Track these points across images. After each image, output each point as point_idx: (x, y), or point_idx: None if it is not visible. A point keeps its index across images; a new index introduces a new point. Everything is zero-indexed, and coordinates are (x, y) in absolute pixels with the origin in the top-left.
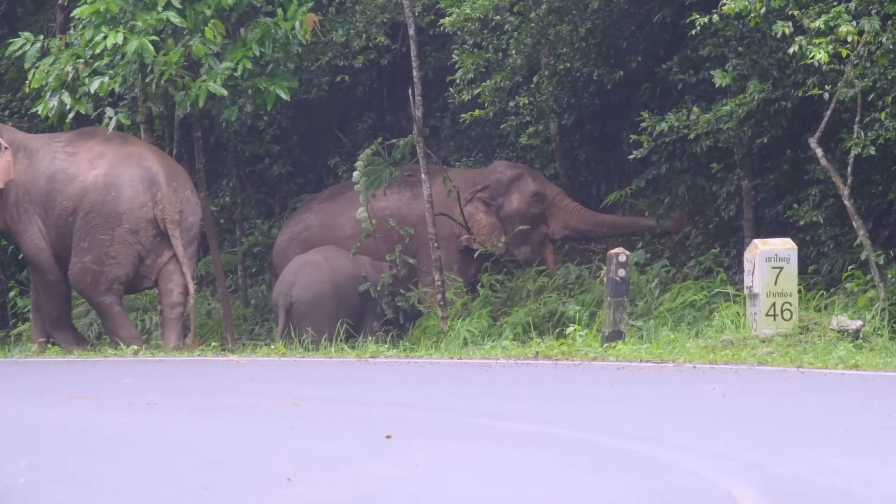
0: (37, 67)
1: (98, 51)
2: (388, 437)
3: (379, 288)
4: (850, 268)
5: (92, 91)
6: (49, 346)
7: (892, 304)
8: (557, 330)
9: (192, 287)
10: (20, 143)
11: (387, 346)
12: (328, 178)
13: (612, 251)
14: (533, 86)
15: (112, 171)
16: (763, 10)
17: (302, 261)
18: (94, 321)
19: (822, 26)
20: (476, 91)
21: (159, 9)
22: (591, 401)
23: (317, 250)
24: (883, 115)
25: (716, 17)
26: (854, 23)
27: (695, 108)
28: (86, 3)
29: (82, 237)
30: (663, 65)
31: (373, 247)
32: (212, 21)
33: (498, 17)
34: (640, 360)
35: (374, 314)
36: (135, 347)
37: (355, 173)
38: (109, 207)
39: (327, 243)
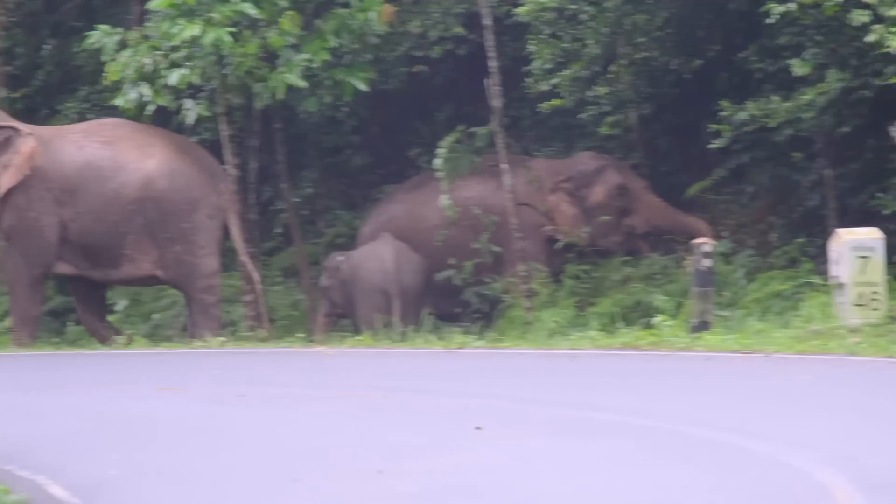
0: (115, 60)
1: (176, 43)
2: (477, 428)
3: (463, 276)
4: None
5: (171, 83)
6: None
7: None
8: (644, 320)
9: (257, 277)
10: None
11: (474, 336)
12: (409, 168)
13: (697, 241)
14: (611, 75)
15: (175, 160)
16: None
17: (396, 247)
18: (182, 313)
19: None
20: (554, 81)
21: (236, 0)
22: (681, 391)
23: (381, 240)
24: None
25: (793, 6)
26: None
27: (774, 97)
28: None
29: (159, 228)
30: (740, 53)
31: (457, 235)
32: (288, 12)
33: (574, 6)
34: (729, 351)
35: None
36: (222, 339)
37: (437, 161)
38: (183, 195)
39: (412, 233)
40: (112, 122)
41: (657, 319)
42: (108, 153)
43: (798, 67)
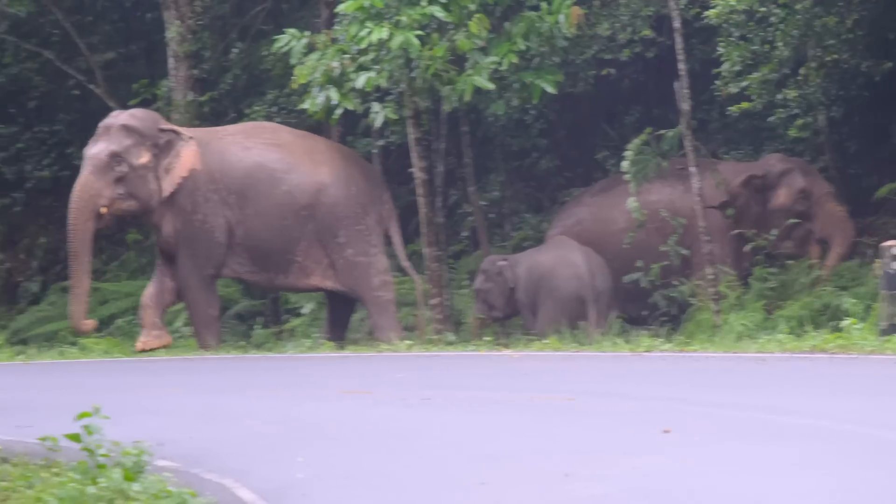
0: (303, 63)
1: (363, 46)
2: (665, 431)
3: (650, 279)
4: None
5: (358, 86)
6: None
7: None
8: (832, 323)
9: (419, 282)
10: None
11: (661, 340)
12: (596, 171)
13: (886, 244)
14: (800, 78)
15: (343, 167)
16: None
17: (584, 252)
18: (365, 318)
19: None
20: (743, 84)
21: (424, 3)
22: (870, 394)
23: (556, 244)
24: None
25: None
26: None
27: None
28: None
29: (331, 234)
30: None
31: (644, 238)
32: (476, 15)
33: (763, 8)
34: None
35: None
36: (408, 342)
37: (624, 163)
38: (355, 200)
39: (600, 237)
40: (268, 125)
41: (846, 323)
42: (277, 156)
43: None
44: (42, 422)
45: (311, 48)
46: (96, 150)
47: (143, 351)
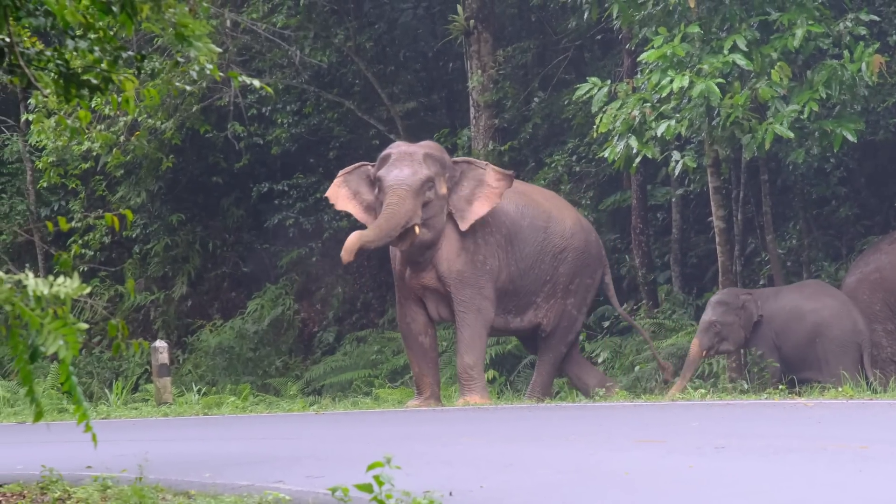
0: (604, 112)
1: (664, 94)
2: None
3: None
4: None
5: (658, 134)
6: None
7: None
8: None
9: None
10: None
11: None
12: (895, 220)
13: None
14: None
15: (577, 215)
16: None
17: (843, 300)
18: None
19: None
20: None
21: (725, 52)
22: None
23: (813, 287)
24: None
25: None
26: None
27: None
28: (653, 48)
29: (570, 279)
30: None
31: None
32: (778, 63)
33: None
34: None
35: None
36: (702, 391)
37: None
38: (594, 251)
39: (895, 284)
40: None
41: None
42: (534, 203)
43: None
44: (333, 472)
45: (612, 97)
46: (408, 172)
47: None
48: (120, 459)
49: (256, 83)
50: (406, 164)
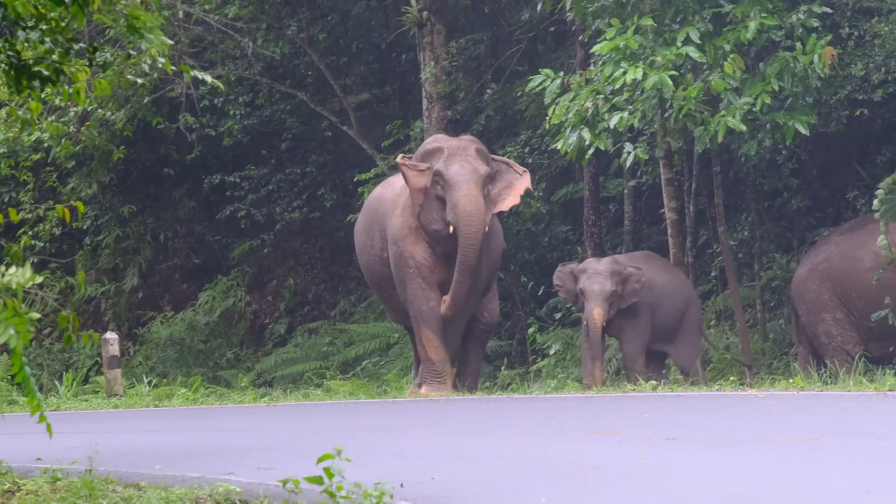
0: (557, 103)
1: (617, 86)
2: None
3: None
4: None
5: (611, 126)
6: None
7: None
8: None
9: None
10: None
11: None
12: (846, 211)
13: None
14: None
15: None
16: None
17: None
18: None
19: None
20: None
21: (679, 44)
22: None
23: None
24: None
25: None
26: None
27: None
28: (606, 39)
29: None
30: None
31: (893, 277)
32: (731, 56)
33: None
34: None
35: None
36: (654, 382)
37: (875, 202)
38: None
39: (847, 275)
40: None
41: None
42: None
43: None
44: (284, 464)
45: (565, 88)
46: (471, 168)
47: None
48: (70, 451)
49: (208, 78)
50: (461, 160)
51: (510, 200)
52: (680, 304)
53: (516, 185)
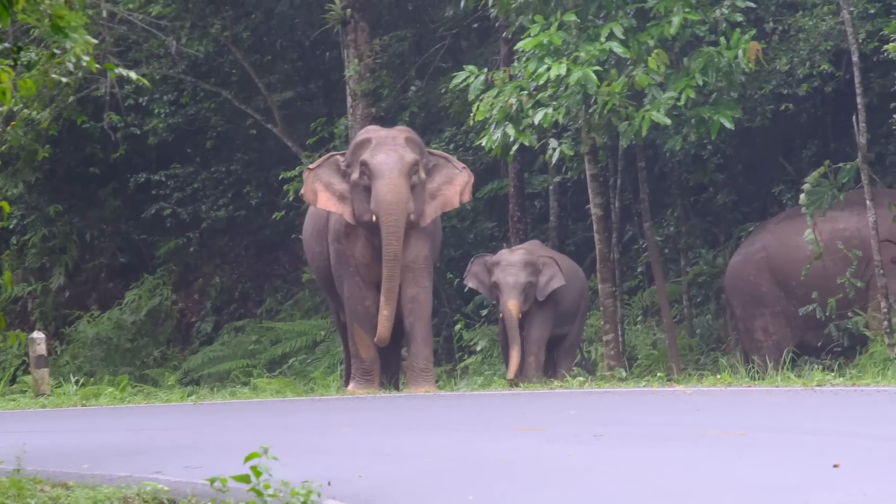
0: (481, 100)
1: (541, 82)
2: (835, 466)
3: (829, 310)
4: None
5: (535, 122)
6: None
7: None
8: None
9: None
10: None
11: (833, 374)
12: (772, 206)
13: None
14: None
15: None
16: None
17: None
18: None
19: None
20: None
21: (602, 40)
22: None
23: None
24: None
25: None
26: None
27: None
28: (530, 36)
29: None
30: None
31: (821, 269)
32: (655, 51)
33: None
34: None
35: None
36: (581, 379)
37: (802, 196)
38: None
39: (784, 263)
40: None
41: None
42: None
43: None
44: (211, 462)
45: (489, 85)
46: (397, 156)
47: None
48: None
49: (133, 76)
50: (388, 149)
51: (448, 200)
52: (579, 289)
53: (457, 181)
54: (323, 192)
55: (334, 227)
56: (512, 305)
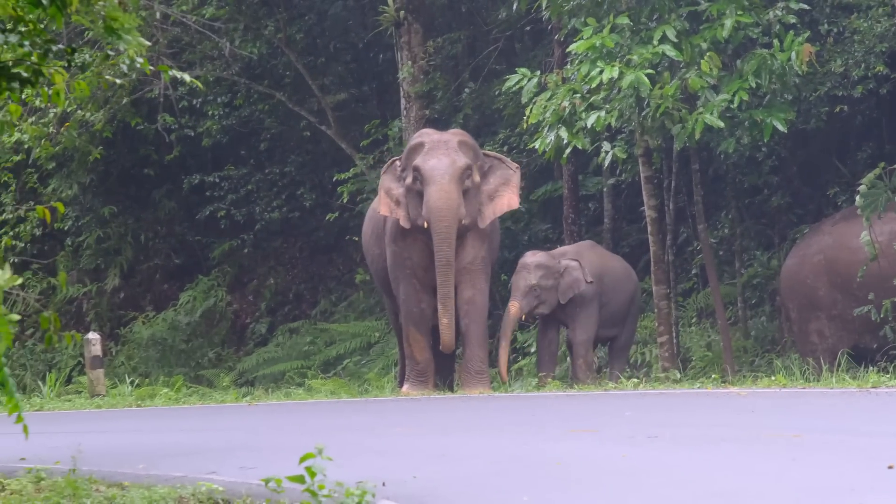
0: (534, 103)
1: (594, 85)
2: (890, 467)
3: (884, 312)
4: None
5: (588, 125)
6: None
7: None
8: None
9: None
10: None
11: (888, 376)
12: (827, 208)
13: None
14: None
15: None
16: None
17: None
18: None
19: None
20: None
21: (655, 42)
22: None
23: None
24: None
25: None
26: None
27: None
28: (582, 38)
29: None
30: None
31: (877, 271)
32: (708, 53)
33: None
34: None
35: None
36: (635, 380)
37: (857, 198)
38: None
39: (841, 265)
40: None
41: None
42: None
43: None
44: (266, 463)
45: (542, 87)
46: (448, 161)
47: None
48: (53, 451)
49: (186, 77)
50: (440, 154)
51: (508, 202)
52: (630, 290)
53: (513, 182)
54: (384, 197)
55: (391, 230)
56: (512, 306)
